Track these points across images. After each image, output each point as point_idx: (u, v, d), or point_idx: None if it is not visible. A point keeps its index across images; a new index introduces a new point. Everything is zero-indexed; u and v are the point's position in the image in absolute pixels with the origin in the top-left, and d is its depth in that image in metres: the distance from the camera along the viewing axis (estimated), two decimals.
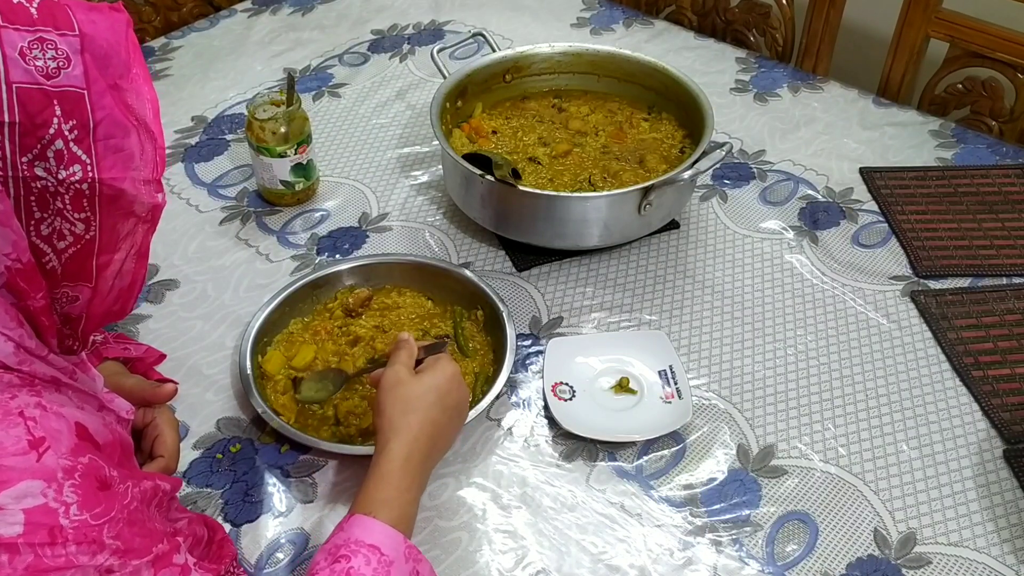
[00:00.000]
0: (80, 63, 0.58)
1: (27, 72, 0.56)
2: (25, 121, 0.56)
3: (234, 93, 1.49)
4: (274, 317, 1.05)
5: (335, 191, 1.30)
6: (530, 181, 1.20)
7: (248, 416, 0.99)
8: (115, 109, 0.60)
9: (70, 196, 0.59)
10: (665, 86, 1.29)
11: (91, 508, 0.59)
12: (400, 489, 0.78)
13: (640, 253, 1.20)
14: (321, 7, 1.73)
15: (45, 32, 0.57)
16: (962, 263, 1.18)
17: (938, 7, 1.46)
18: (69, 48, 0.58)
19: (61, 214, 0.60)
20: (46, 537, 0.56)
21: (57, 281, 0.62)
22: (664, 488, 0.93)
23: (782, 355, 1.07)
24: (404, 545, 0.74)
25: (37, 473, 0.57)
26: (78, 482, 0.59)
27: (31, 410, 0.59)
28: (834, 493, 0.93)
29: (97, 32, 0.59)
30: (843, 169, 1.34)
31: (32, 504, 0.56)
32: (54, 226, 0.60)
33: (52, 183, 0.58)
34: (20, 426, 0.58)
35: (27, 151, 0.57)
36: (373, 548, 0.72)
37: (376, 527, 0.74)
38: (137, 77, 0.62)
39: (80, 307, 0.65)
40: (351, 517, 0.75)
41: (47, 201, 0.59)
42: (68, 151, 0.58)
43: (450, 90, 1.24)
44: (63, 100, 0.58)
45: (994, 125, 1.47)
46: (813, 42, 1.60)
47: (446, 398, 0.84)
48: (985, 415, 1.01)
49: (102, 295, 0.65)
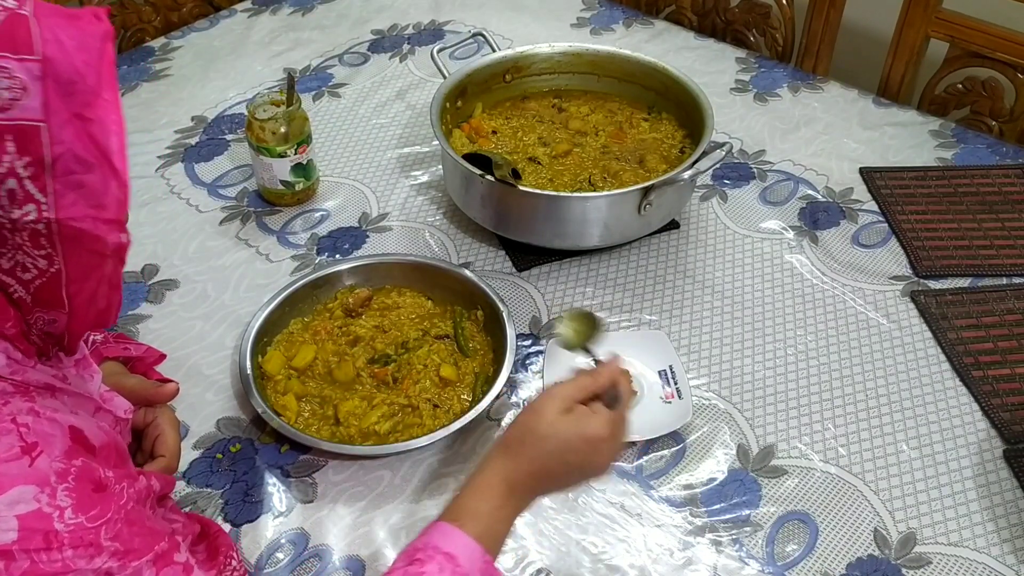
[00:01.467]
0: (39, 92, 0.53)
1: None
2: None
3: (234, 93, 1.49)
4: (274, 317, 1.05)
5: (335, 191, 1.30)
6: (530, 181, 1.20)
7: (248, 416, 0.99)
8: (76, 143, 0.55)
9: (27, 234, 0.56)
10: (665, 86, 1.29)
11: (87, 511, 0.58)
12: (493, 506, 0.74)
13: (640, 253, 1.20)
14: (321, 7, 1.73)
15: (1, 58, 0.52)
16: (962, 263, 1.18)
17: (938, 7, 1.46)
18: (28, 75, 0.53)
19: (21, 249, 0.57)
20: (41, 542, 0.56)
21: (29, 308, 0.60)
22: (664, 488, 0.93)
23: (782, 355, 1.07)
24: (482, 560, 0.71)
25: (30, 478, 0.56)
26: (72, 485, 0.58)
27: (23, 416, 0.59)
28: (834, 493, 0.93)
29: (62, 55, 0.54)
30: (843, 169, 1.34)
31: (25, 510, 0.56)
32: (16, 259, 0.57)
33: (6, 221, 0.55)
34: (12, 433, 0.57)
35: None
36: (449, 556, 0.70)
37: (456, 536, 0.71)
38: (106, 104, 0.57)
39: (60, 327, 0.63)
40: (436, 523, 0.73)
41: (5, 237, 0.56)
42: (22, 190, 0.54)
43: (450, 90, 1.24)
44: (17, 135, 0.53)
45: (994, 125, 1.47)
46: (813, 42, 1.60)
47: (572, 456, 0.76)
48: (985, 415, 1.01)
49: (80, 318, 0.63)
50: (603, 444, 0.76)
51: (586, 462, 0.77)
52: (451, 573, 0.69)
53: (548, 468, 0.76)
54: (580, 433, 0.75)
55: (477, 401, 0.97)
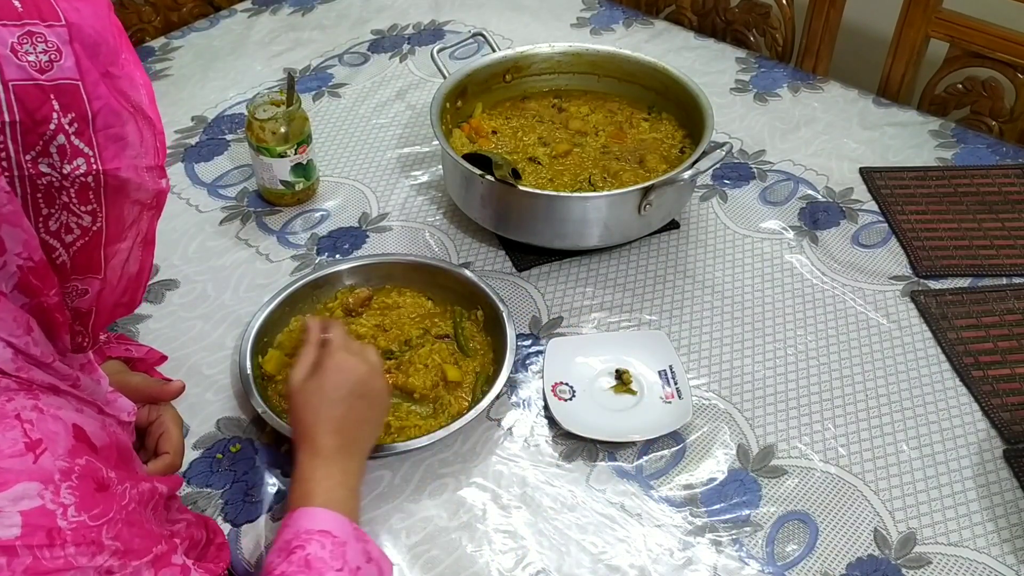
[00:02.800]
0: (71, 53, 0.57)
1: (21, 68, 0.55)
2: (25, 119, 0.56)
3: (234, 93, 1.49)
4: (274, 317, 1.05)
5: (335, 191, 1.30)
6: (530, 181, 1.20)
7: (248, 416, 0.99)
8: (110, 98, 0.59)
9: (75, 190, 0.59)
10: (665, 86, 1.29)
11: (89, 509, 0.59)
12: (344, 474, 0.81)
13: (640, 253, 1.20)
14: (321, 7, 1.73)
15: (32, 25, 0.56)
16: (962, 263, 1.18)
17: (938, 7, 1.45)
18: (58, 39, 0.57)
19: (68, 208, 0.59)
20: (44, 539, 0.56)
21: (67, 275, 0.62)
22: (664, 488, 0.93)
23: (782, 355, 1.07)
24: (351, 526, 0.77)
25: (34, 475, 0.57)
26: (75, 484, 0.58)
27: (28, 412, 0.59)
28: (834, 493, 0.93)
29: (83, 20, 0.58)
30: (843, 169, 1.34)
31: (29, 506, 0.56)
32: (61, 220, 0.60)
33: (57, 178, 0.58)
34: (17, 428, 0.58)
35: (30, 149, 0.57)
36: (324, 533, 0.74)
37: (321, 514, 0.76)
38: (127, 62, 0.61)
39: (90, 300, 0.65)
40: (293, 512, 0.77)
41: (53, 196, 0.59)
42: (70, 145, 0.58)
43: (450, 90, 1.24)
44: (59, 94, 0.57)
45: (994, 125, 1.47)
46: (813, 42, 1.60)
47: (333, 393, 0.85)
48: (985, 415, 1.01)
49: (111, 286, 0.65)
50: (347, 363, 0.87)
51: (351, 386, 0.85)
52: (331, 544, 0.74)
53: (330, 419, 0.84)
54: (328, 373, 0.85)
55: (477, 401, 0.97)
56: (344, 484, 0.81)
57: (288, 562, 0.72)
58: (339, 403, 0.85)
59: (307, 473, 0.81)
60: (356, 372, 0.87)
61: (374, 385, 0.88)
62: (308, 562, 0.72)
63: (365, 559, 0.76)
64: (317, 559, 0.72)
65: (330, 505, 0.77)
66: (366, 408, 0.87)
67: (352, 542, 0.75)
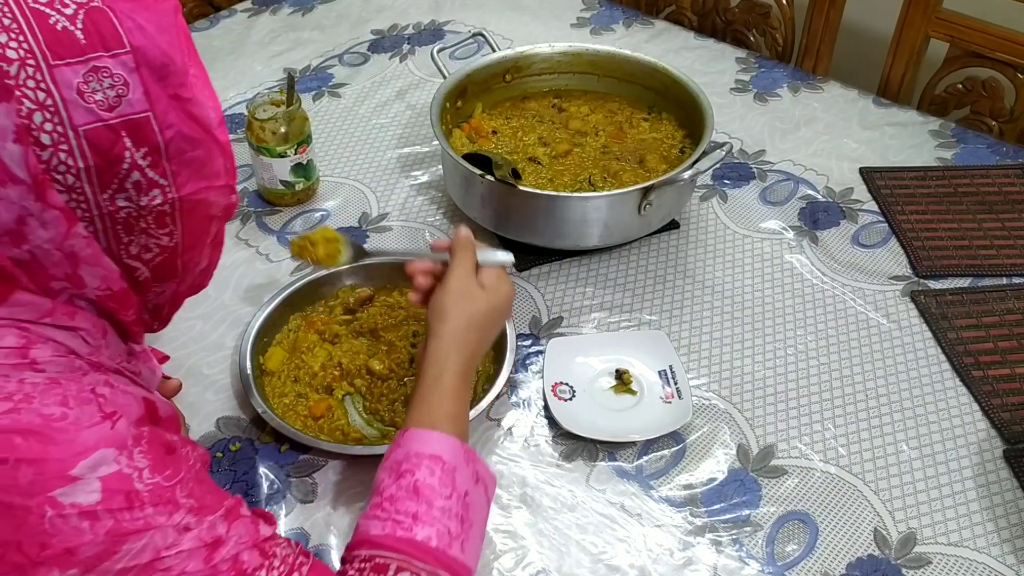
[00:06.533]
0: (139, 83, 0.57)
1: (89, 111, 0.55)
2: (99, 161, 0.57)
3: (234, 93, 1.49)
4: (274, 317, 1.05)
5: (335, 191, 1.30)
6: (530, 181, 1.20)
7: (248, 416, 0.99)
8: (181, 124, 0.60)
9: (153, 217, 0.61)
10: (665, 86, 1.29)
11: (162, 471, 0.61)
12: (462, 403, 0.81)
13: (640, 253, 1.20)
14: (321, 7, 1.73)
15: (96, 59, 0.55)
16: (962, 263, 1.18)
17: (938, 7, 1.46)
18: (124, 69, 0.57)
19: (147, 232, 0.62)
20: (124, 502, 0.58)
21: (148, 287, 0.65)
22: (664, 488, 0.93)
23: (782, 355, 1.07)
24: (462, 449, 0.76)
25: (110, 441, 0.59)
26: (146, 448, 0.60)
27: (101, 388, 0.61)
28: (834, 493, 0.93)
29: (147, 41, 0.57)
30: (843, 169, 1.34)
31: (107, 471, 0.58)
32: (141, 244, 0.62)
33: (135, 210, 0.60)
34: (92, 403, 0.60)
35: (107, 188, 0.58)
36: (435, 458, 0.74)
37: (433, 437, 0.75)
38: (195, 81, 0.61)
39: (166, 297, 0.68)
40: (407, 431, 0.76)
41: (132, 225, 0.61)
42: (146, 179, 0.59)
43: (450, 90, 1.24)
44: (130, 130, 0.57)
45: (994, 125, 1.47)
46: (813, 42, 1.60)
47: (501, 320, 0.87)
48: (985, 415, 1.01)
49: (185, 283, 0.69)
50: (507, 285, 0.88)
51: (503, 315, 0.87)
52: (440, 471, 0.73)
53: (487, 340, 0.86)
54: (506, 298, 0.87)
55: (477, 401, 0.96)
56: (466, 413, 0.82)
57: (397, 485, 0.72)
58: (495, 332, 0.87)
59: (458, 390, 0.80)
60: (508, 300, 0.88)
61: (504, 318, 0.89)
62: (417, 488, 0.72)
63: (474, 480, 0.76)
64: (426, 486, 0.72)
65: (448, 429, 0.76)
66: (493, 334, 0.88)
67: (462, 465, 0.75)
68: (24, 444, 0.56)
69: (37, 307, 0.61)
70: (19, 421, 0.56)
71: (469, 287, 0.84)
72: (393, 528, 0.70)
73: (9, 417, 0.56)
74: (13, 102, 0.54)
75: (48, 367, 0.60)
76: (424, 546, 0.70)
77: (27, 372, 0.59)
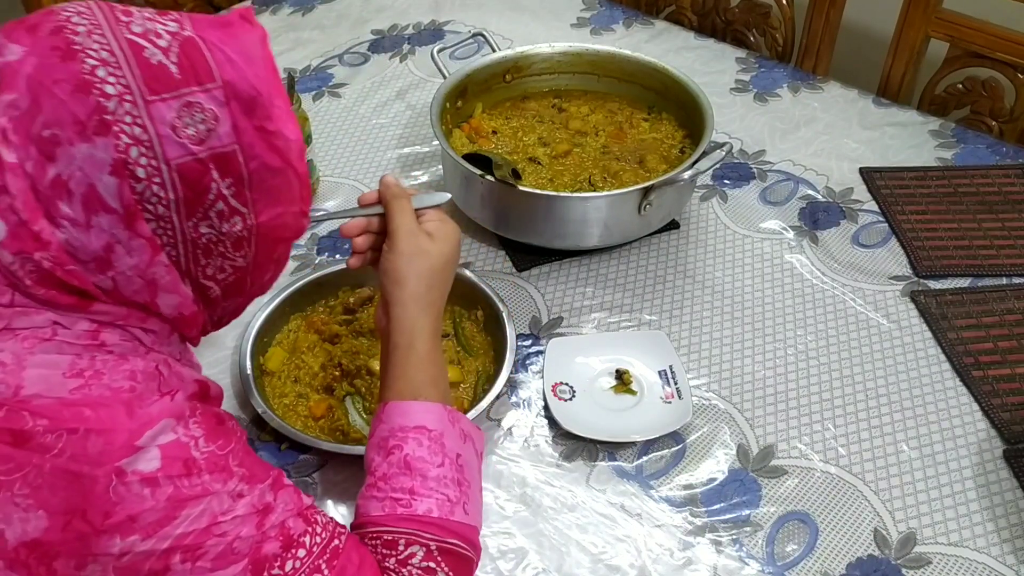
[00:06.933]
0: (227, 117, 0.59)
1: (181, 146, 0.57)
2: (187, 193, 0.59)
3: None
4: (274, 317, 1.05)
5: (335, 191, 1.30)
6: (530, 181, 1.20)
7: (248, 416, 0.99)
8: (265, 155, 0.62)
9: (231, 242, 0.63)
10: (665, 86, 1.29)
11: (215, 440, 0.62)
12: (438, 365, 0.80)
13: (640, 253, 1.20)
14: (321, 7, 1.73)
15: (190, 95, 0.58)
16: (962, 263, 1.18)
17: (938, 7, 1.45)
18: (215, 104, 0.59)
19: (223, 256, 0.64)
20: (182, 469, 0.60)
21: (218, 303, 0.67)
22: (664, 488, 0.93)
23: (782, 355, 1.07)
24: (446, 412, 0.76)
25: (170, 412, 0.61)
26: (200, 420, 0.62)
27: (162, 366, 0.64)
28: (834, 493, 0.93)
29: (237, 75, 0.60)
30: (843, 169, 1.34)
31: (166, 440, 0.60)
32: (217, 266, 0.64)
33: (216, 235, 0.62)
34: (156, 379, 0.62)
35: (192, 216, 0.60)
36: (420, 428, 0.74)
37: (414, 408, 0.75)
38: (280, 113, 0.62)
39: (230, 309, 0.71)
40: (387, 405, 0.76)
41: (211, 250, 0.63)
42: (228, 207, 0.61)
43: (450, 90, 1.24)
44: (218, 163, 0.59)
45: (994, 125, 1.47)
46: (813, 42, 1.60)
47: (455, 265, 0.84)
48: (985, 415, 1.01)
49: (247, 298, 0.70)
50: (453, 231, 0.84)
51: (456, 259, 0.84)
52: (428, 440, 0.73)
53: (446, 290, 0.83)
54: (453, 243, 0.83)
55: (477, 401, 0.97)
56: (444, 374, 0.80)
57: (388, 463, 0.73)
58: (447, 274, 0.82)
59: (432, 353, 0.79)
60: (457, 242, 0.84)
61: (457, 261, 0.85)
62: (408, 463, 0.72)
63: (462, 440, 0.76)
64: (416, 458, 0.72)
65: (431, 397, 0.76)
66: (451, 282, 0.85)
67: (448, 429, 0.75)
68: (94, 415, 0.58)
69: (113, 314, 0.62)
70: (90, 395, 0.58)
71: (418, 243, 0.80)
72: (392, 507, 0.71)
73: (81, 392, 0.58)
74: (111, 136, 0.56)
75: (116, 348, 0.62)
76: (427, 519, 0.71)
77: (97, 352, 0.61)
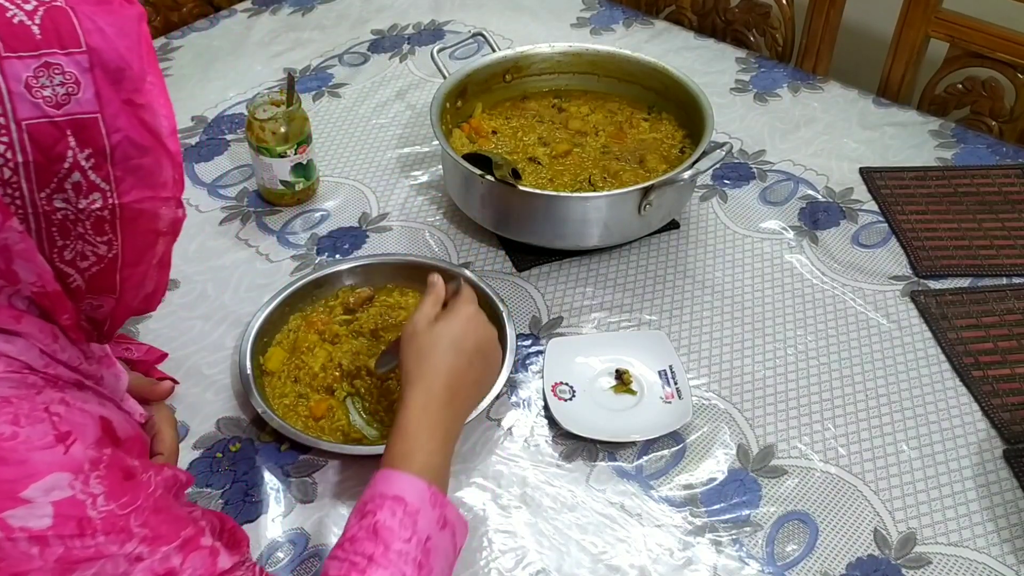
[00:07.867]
0: (91, 84, 0.55)
1: (35, 106, 0.54)
2: (40, 158, 0.55)
3: (234, 93, 1.49)
4: (274, 317, 1.05)
5: (335, 191, 1.30)
6: (530, 181, 1.20)
7: (248, 416, 0.99)
8: (130, 129, 0.58)
9: (91, 222, 0.59)
10: (665, 86, 1.29)
11: (118, 498, 0.59)
12: (419, 440, 0.78)
13: (640, 253, 1.20)
14: (321, 7, 1.73)
15: (50, 55, 0.54)
16: (962, 263, 1.18)
17: (938, 7, 1.45)
18: (77, 69, 0.55)
19: (83, 238, 0.59)
20: (75, 528, 0.57)
21: (82, 296, 0.63)
22: (664, 488, 0.93)
23: (782, 355, 1.07)
24: (428, 492, 0.74)
25: (64, 466, 0.57)
26: (103, 473, 0.59)
27: (56, 406, 0.60)
28: (834, 493, 0.93)
29: (105, 44, 0.56)
30: (843, 169, 1.34)
31: (60, 496, 0.56)
32: (76, 250, 0.60)
33: (72, 212, 0.58)
34: (46, 421, 0.58)
35: (44, 186, 0.56)
36: (397, 499, 0.73)
37: (396, 478, 0.74)
38: (151, 88, 0.59)
39: (104, 313, 0.66)
40: (379, 471, 0.76)
41: (68, 229, 0.58)
42: (86, 181, 0.57)
43: (450, 90, 1.24)
44: (76, 129, 0.55)
45: (994, 125, 1.47)
46: (813, 42, 1.60)
47: (462, 343, 0.83)
48: (985, 415, 1.01)
49: (126, 303, 0.66)
50: (477, 319, 0.85)
51: (478, 340, 0.85)
52: (403, 513, 0.72)
53: (450, 366, 0.82)
54: (456, 319, 0.84)
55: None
56: (429, 449, 0.78)
57: (360, 526, 0.72)
58: (463, 354, 0.83)
59: (414, 424, 0.78)
60: (486, 330, 0.86)
61: (495, 348, 0.88)
62: (376, 529, 0.71)
63: (439, 526, 0.74)
64: (385, 528, 0.71)
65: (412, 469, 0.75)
66: (483, 369, 0.86)
67: (427, 509, 0.74)
68: None
69: None
70: None
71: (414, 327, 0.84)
72: (348, 570, 0.69)
73: None
74: None
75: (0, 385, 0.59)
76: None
77: None
